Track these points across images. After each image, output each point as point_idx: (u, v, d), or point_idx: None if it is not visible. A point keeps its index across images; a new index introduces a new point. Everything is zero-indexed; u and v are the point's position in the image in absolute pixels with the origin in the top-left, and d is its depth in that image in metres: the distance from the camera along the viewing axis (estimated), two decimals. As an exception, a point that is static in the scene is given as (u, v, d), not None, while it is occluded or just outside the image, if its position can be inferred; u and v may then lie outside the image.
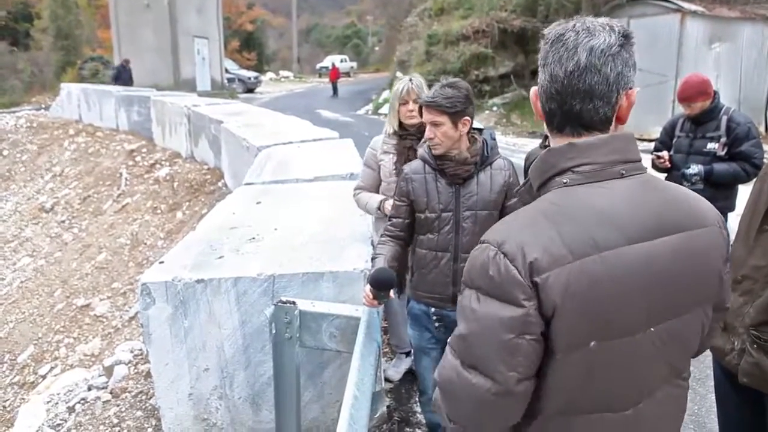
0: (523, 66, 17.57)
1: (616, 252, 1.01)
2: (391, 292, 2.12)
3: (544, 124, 1.16)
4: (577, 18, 1.11)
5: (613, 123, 1.10)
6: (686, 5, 13.17)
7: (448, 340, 1.12)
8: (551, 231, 1.02)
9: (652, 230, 1.05)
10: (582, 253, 1.00)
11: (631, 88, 1.09)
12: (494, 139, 2.36)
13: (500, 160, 2.35)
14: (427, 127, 2.23)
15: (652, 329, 1.06)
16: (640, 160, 1.12)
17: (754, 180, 1.92)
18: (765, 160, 3.29)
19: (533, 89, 1.17)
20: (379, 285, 2.07)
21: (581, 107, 1.08)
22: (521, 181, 2.49)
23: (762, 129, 13.35)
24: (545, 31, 1.11)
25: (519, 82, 17.29)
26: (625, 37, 1.08)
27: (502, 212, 2.34)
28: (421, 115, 2.27)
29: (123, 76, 17.11)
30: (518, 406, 1.07)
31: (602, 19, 1.10)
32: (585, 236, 1.01)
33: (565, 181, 1.08)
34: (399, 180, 2.38)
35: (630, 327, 1.05)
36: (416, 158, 2.40)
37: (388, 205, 2.90)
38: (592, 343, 1.02)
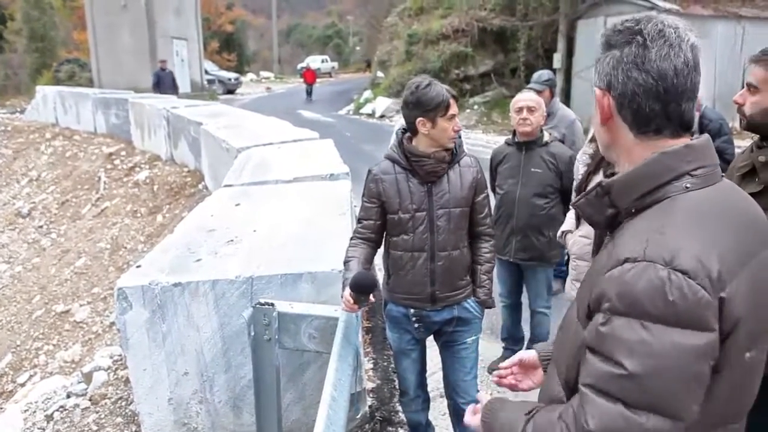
0: (503, 64, 17.67)
1: (763, 258, 0.98)
2: (371, 296, 2.13)
3: (621, 130, 1.07)
4: (651, 15, 1.06)
5: None
6: (661, 3, 13.38)
7: (596, 383, 0.95)
8: (716, 240, 0.93)
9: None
10: (743, 261, 0.95)
11: None
12: (460, 137, 2.40)
13: (467, 157, 2.38)
14: (455, 121, 2.28)
15: None
16: None
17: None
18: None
19: (601, 93, 1.08)
20: (361, 289, 2.07)
21: (686, 106, 1.03)
22: (486, 176, 2.54)
23: (737, 124, 13.60)
24: (635, 28, 1.03)
25: (499, 80, 17.39)
26: None
27: (473, 208, 2.37)
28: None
29: (164, 82, 14.60)
30: None
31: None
32: (739, 243, 0.96)
33: (687, 185, 0.99)
34: (368, 181, 2.37)
35: None
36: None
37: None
38: (747, 354, 0.97)
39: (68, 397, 3.40)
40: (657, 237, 0.94)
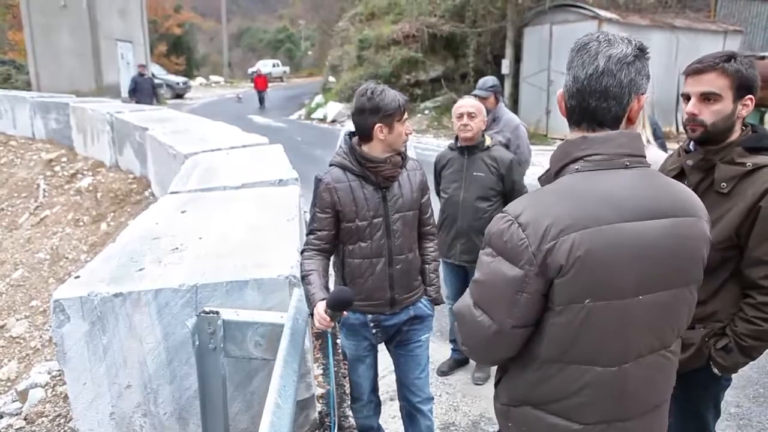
0: (453, 70, 17.94)
1: (611, 227, 1.20)
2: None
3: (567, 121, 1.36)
4: (601, 32, 1.30)
5: (624, 122, 1.30)
6: (602, 13, 13.93)
7: (469, 285, 1.37)
8: (560, 206, 1.22)
9: (645, 212, 1.23)
10: (584, 225, 1.19)
11: (642, 94, 1.29)
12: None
13: (411, 161, 2.42)
14: (406, 125, 2.30)
15: (640, 297, 1.24)
16: (643, 156, 1.31)
17: None
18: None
19: (559, 90, 1.34)
20: (341, 306, 2.07)
21: (596, 105, 1.27)
22: (430, 180, 2.65)
23: (673, 129, 14.29)
24: (575, 42, 1.31)
25: (449, 85, 17.65)
26: (641, 50, 1.27)
27: (420, 210, 2.42)
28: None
29: (142, 88, 13.26)
30: (512, 345, 1.32)
31: (622, 34, 1.30)
32: (588, 212, 1.21)
33: (577, 167, 1.27)
34: (320, 191, 2.32)
35: (620, 291, 1.23)
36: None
37: None
38: (587, 301, 1.22)
39: (0, 417, 3.23)
40: (522, 200, 1.30)
